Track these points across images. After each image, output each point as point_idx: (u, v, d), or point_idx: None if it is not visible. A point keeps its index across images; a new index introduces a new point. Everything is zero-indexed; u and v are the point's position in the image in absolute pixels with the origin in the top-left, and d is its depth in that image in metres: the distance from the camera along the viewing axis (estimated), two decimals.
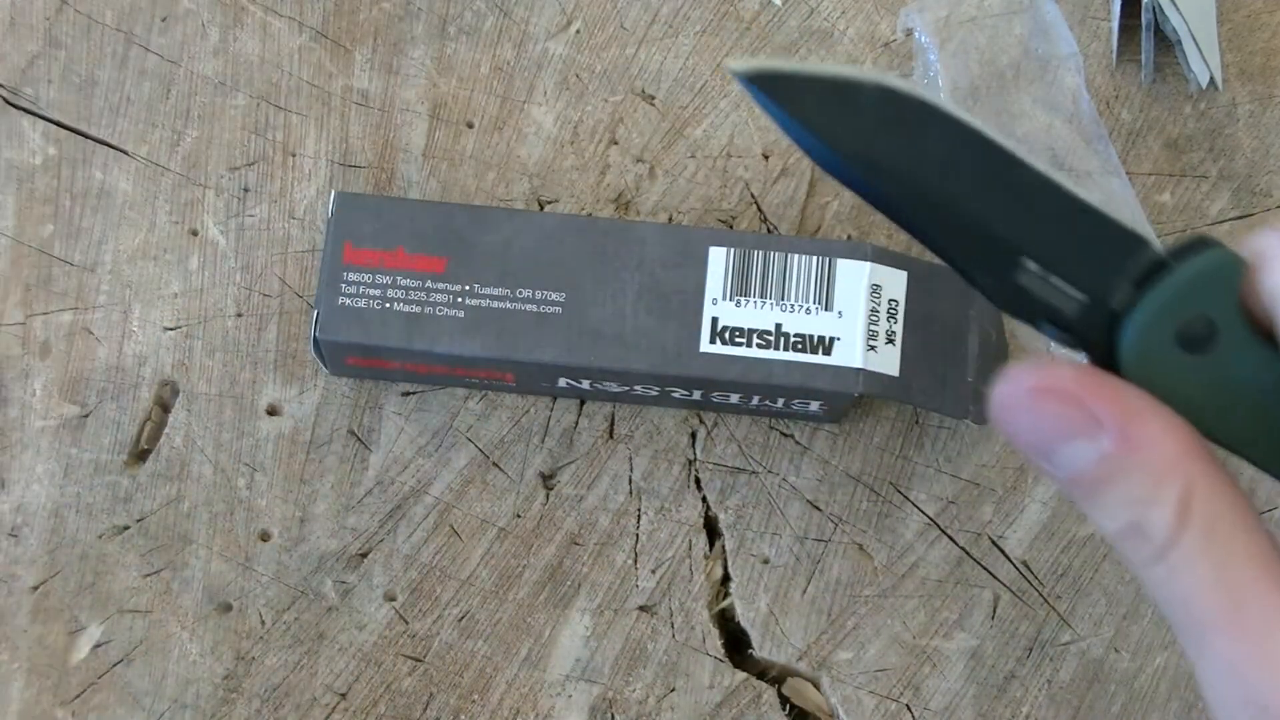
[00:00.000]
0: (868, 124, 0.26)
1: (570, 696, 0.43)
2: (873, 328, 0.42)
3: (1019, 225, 0.26)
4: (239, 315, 0.46)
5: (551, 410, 0.45)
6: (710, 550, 0.45)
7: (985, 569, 0.45)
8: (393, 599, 0.44)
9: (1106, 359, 0.26)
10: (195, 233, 0.46)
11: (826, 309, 0.42)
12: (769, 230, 0.47)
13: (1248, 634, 0.24)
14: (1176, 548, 0.24)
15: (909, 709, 0.43)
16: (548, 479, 0.45)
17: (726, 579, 0.45)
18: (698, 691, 0.43)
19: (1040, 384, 0.25)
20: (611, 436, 0.45)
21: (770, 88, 0.26)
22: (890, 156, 0.26)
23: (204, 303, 0.46)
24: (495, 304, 0.41)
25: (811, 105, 0.26)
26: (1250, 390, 0.25)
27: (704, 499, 0.45)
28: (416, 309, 0.41)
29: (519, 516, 0.45)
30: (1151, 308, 0.26)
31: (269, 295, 0.46)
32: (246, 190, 0.47)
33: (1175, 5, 0.47)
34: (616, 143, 0.47)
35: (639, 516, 0.45)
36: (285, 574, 0.44)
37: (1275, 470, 0.26)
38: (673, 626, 0.44)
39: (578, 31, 0.48)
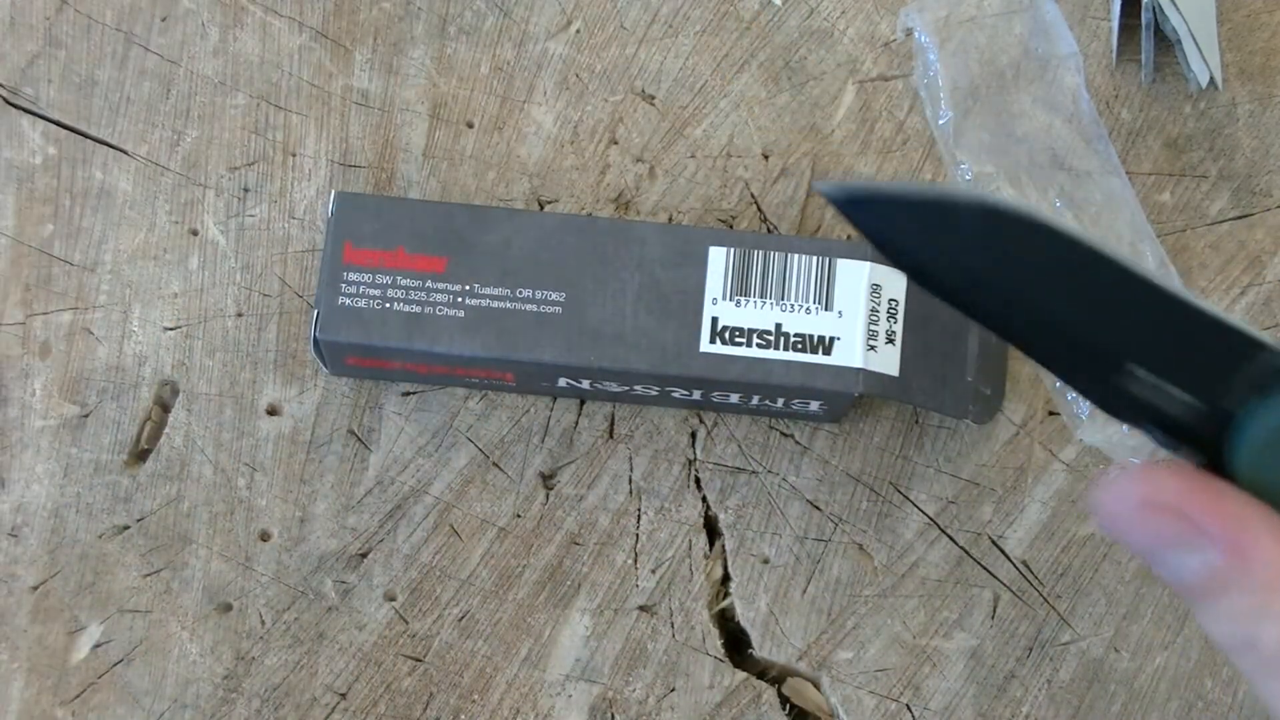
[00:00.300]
0: (967, 246, 0.25)
1: (570, 696, 0.43)
2: (873, 327, 0.42)
3: (1126, 334, 0.26)
4: (239, 315, 0.46)
5: (551, 410, 0.45)
6: (710, 550, 0.45)
7: (985, 569, 0.45)
8: (393, 599, 0.44)
9: (1217, 461, 0.26)
10: (195, 232, 0.46)
11: (826, 309, 0.42)
12: (769, 230, 0.47)
13: None
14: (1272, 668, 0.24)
15: (909, 709, 0.43)
16: (548, 479, 0.45)
17: (726, 579, 0.45)
18: (698, 691, 0.43)
19: (1146, 496, 0.25)
20: (611, 436, 0.45)
21: (862, 211, 0.26)
22: (991, 276, 0.25)
23: (204, 302, 0.46)
24: (495, 304, 0.41)
25: (907, 229, 0.26)
26: None
27: (704, 499, 0.45)
28: (416, 309, 0.41)
29: (519, 516, 0.45)
30: (1272, 412, 0.25)
31: (269, 295, 0.46)
32: (246, 190, 0.47)
33: (1175, 5, 0.47)
34: (616, 142, 0.47)
35: (639, 516, 0.45)
36: (285, 574, 0.44)
37: None
38: (673, 626, 0.44)
39: (578, 31, 0.48)
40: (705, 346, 0.41)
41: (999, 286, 0.26)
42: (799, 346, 0.41)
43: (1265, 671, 0.24)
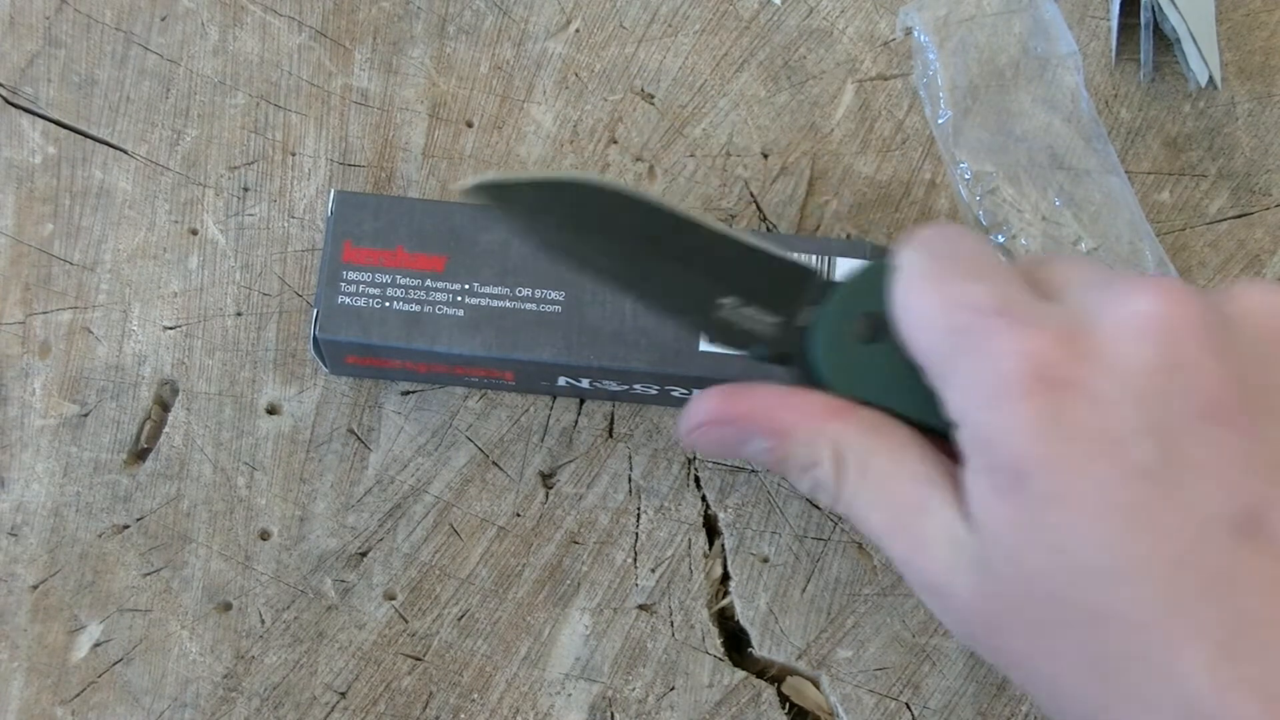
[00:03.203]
0: (572, 215, 0.33)
1: (570, 695, 0.43)
2: None
3: (712, 273, 0.33)
4: (239, 314, 0.46)
5: (551, 409, 0.45)
6: (710, 549, 0.45)
7: None
8: (392, 598, 0.44)
9: (806, 366, 0.33)
10: (195, 232, 0.46)
11: None
12: (768, 229, 0.47)
13: (909, 538, 0.30)
14: (843, 492, 0.32)
15: (908, 707, 0.43)
16: (547, 478, 0.45)
17: (726, 578, 0.45)
18: (697, 690, 0.43)
19: (703, 417, 0.33)
20: (611, 435, 0.45)
21: (489, 197, 0.33)
22: (595, 240, 0.33)
23: (204, 302, 0.46)
24: (495, 303, 0.41)
25: (522, 206, 0.33)
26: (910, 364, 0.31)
27: (703, 498, 0.45)
28: (416, 308, 0.41)
29: (518, 515, 0.45)
30: (825, 318, 0.33)
31: (268, 294, 0.46)
32: (246, 189, 0.47)
33: (1174, 4, 0.47)
34: (616, 142, 0.47)
35: (638, 515, 0.45)
36: (285, 573, 0.44)
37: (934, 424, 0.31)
38: (672, 625, 0.44)
39: (577, 31, 0.48)
40: (705, 345, 0.41)
41: (607, 249, 0.33)
42: None
43: (834, 502, 0.32)
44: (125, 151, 0.47)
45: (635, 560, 0.44)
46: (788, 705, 0.44)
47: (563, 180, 0.33)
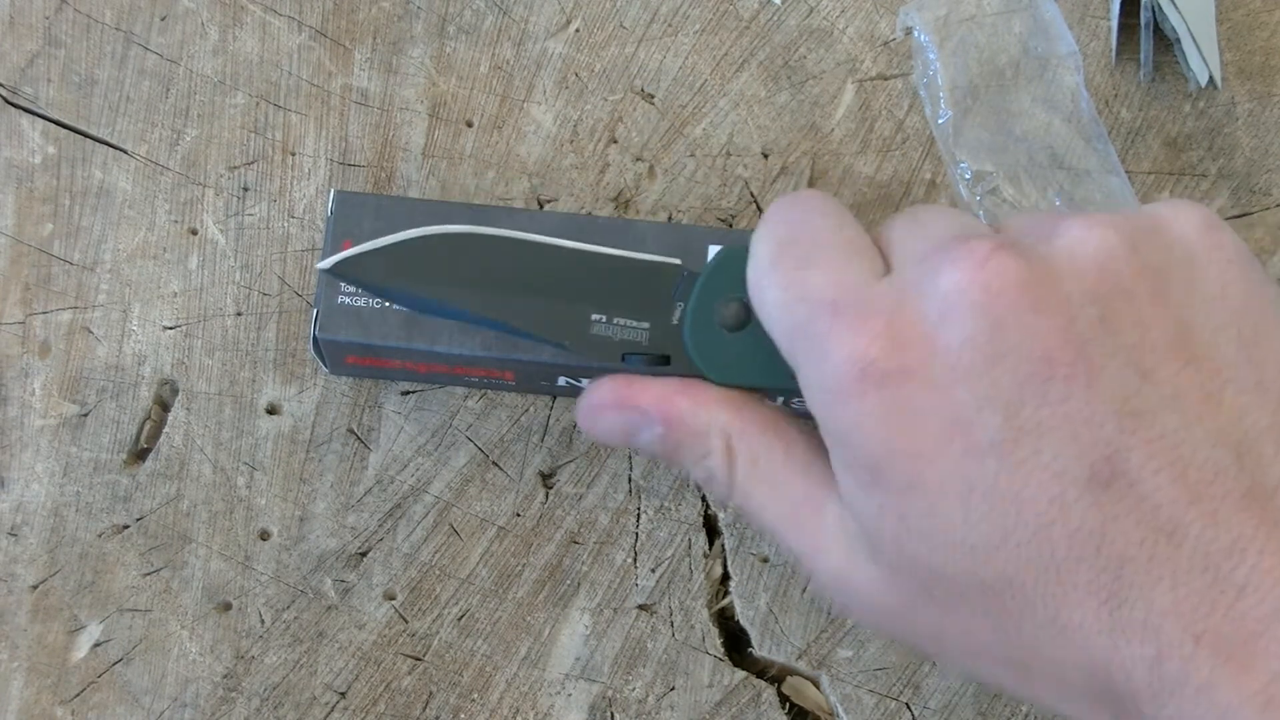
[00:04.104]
0: (426, 270, 0.33)
1: (570, 695, 0.43)
2: None
3: (577, 292, 0.34)
4: (238, 314, 0.46)
5: (551, 409, 0.45)
6: (710, 549, 0.45)
7: None
8: (392, 598, 0.44)
9: (686, 361, 0.33)
10: (195, 232, 0.46)
11: None
12: None
13: (805, 534, 0.31)
14: (735, 483, 0.32)
15: (908, 707, 0.43)
16: (547, 478, 0.45)
17: (726, 578, 0.45)
18: (697, 690, 0.43)
19: (600, 401, 0.34)
20: None
21: (342, 275, 0.34)
22: (455, 289, 0.33)
23: (203, 302, 0.46)
24: None
25: (376, 275, 0.33)
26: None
27: (703, 497, 0.45)
28: None
29: (518, 515, 0.45)
30: (690, 310, 0.33)
31: (268, 294, 0.46)
32: (246, 189, 0.47)
33: (1174, 4, 0.47)
34: (616, 141, 0.47)
35: (638, 515, 0.45)
36: (285, 573, 0.44)
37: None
38: (672, 625, 0.44)
39: (577, 30, 0.48)
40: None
41: (470, 294, 0.33)
42: None
43: (726, 494, 0.32)
44: (125, 151, 0.47)
45: (635, 560, 0.44)
46: (788, 705, 0.44)
47: (406, 240, 0.34)
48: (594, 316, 0.34)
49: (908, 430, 0.28)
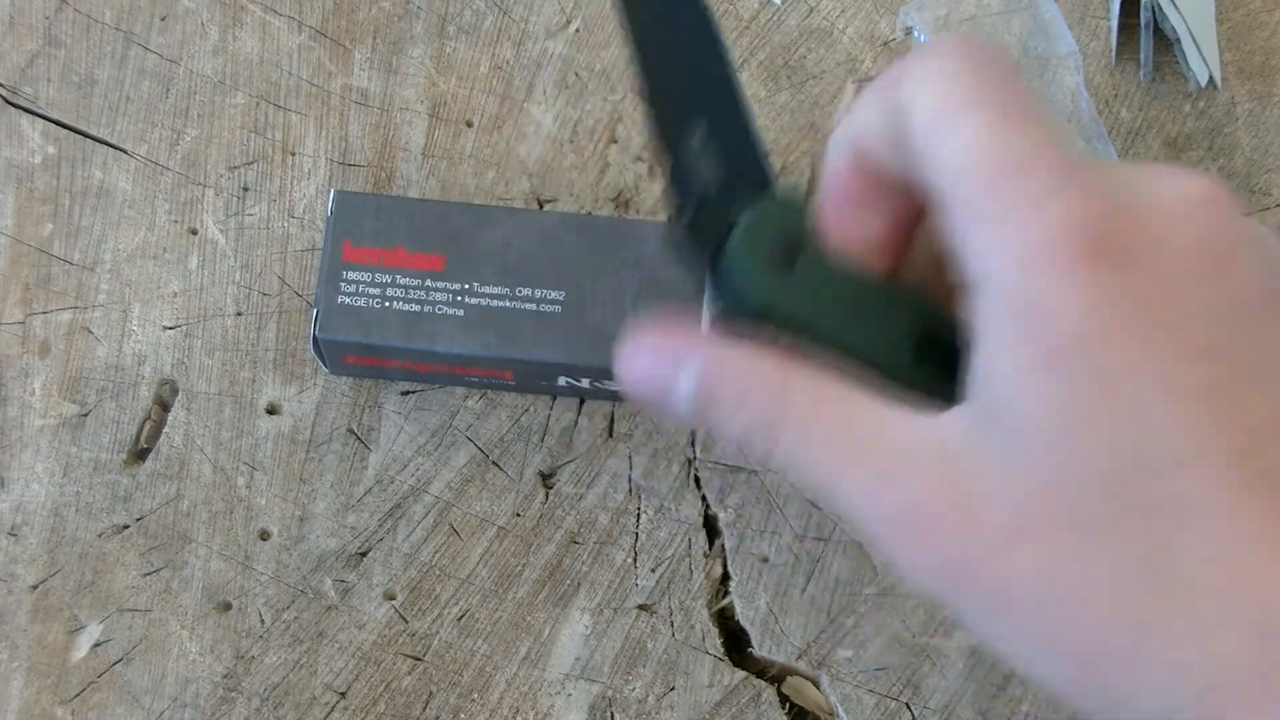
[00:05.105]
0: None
1: (570, 695, 0.43)
2: None
3: (704, 101, 0.32)
4: (238, 314, 0.46)
5: (551, 409, 0.45)
6: (710, 549, 0.45)
7: None
8: (392, 598, 0.44)
9: (715, 282, 0.31)
10: (195, 232, 0.46)
11: None
12: None
13: (876, 462, 0.27)
14: (785, 426, 0.28)
15: (908, 707, 0.43)
16: (547, 478, 0.45)
17: (726, 578, 0.45)
18: (697, 690, 0.43)
19: (635, 344, 0.30)
20: (611, 435, 0.45)
21: None
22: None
23: (203, 302, 0.46)
24: (495, 303, 0.41)
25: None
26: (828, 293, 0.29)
27: (703, 498, 0.45)
28: (416, 308, 0.41)
29: (518, 515, 0.45)
30: (742, 237, 0.30)
31: (268, 294, 0.46)
32: (246, 189, 0.47)
33: (1174, 4, 0.47)
34: (616, 141, 0.47)
35: (638, 515, 0.45)
36: (285, 573, 0.44)
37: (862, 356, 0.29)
38: (672, 625, 0.44)
39: (577, 30, 0.48)
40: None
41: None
42: None
43: (772, 436, 0.28)
44: (125, 151, 0.47)
45: (635, 560, 0.44)
46: (788, 705, 0.44)
47: None
48: (698, 130, 0.32)
49: (1126, 311, 0.25)
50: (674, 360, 0.30)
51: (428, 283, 0.41)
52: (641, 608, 0.44)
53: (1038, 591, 0.25)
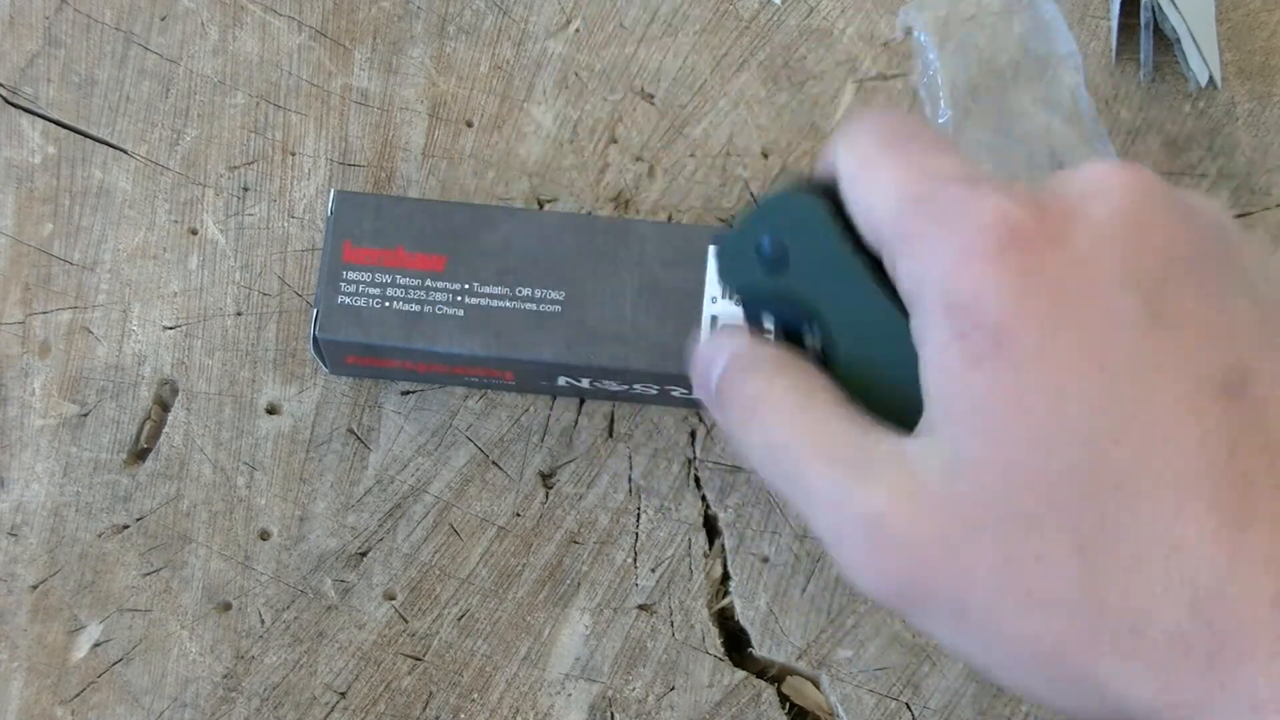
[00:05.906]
0: None
1: (570, 695, 0.43)
2: None
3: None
4: (238, 314, 0.46)
5: (551, 409, 0.45)
6: (710, 549, 0.45)
7: None
8: (392, 598, 0.44)
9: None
10: (195, 232, 0.46)
11: None
12: None
13: (847, 461, 0.27)
14: (767, 410, 0.29)
15: (908, 707, 0.43)
16: (547, 478, 0.45)
17: (726, 578, 0.45)
18: (697, 690, 0.43)
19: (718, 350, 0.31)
20: (611, 435, 0.45)
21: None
22: None
23: (203, 302, 0.46)
24: (495, 303, 0.41)
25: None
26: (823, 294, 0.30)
27: (703, 497, 0.45)
28: (416, 308, 0.41)
29: (518, 515, 0.45)
30: (732, 238, 0.31)
31: (268, 294, 0.46)
32: (246, 189, 0.47)
33: (1174, 4, 0.47)
34: (616, 141, 0.47)
35: (638, 515, 0.45)
36: (285, 573, 0.44)
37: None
38: (672, 625, 0.44)
39: (577, 30, 0.48)
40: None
41: None
42: None
43: (741, 427, 0.29)
44: (125, 151, 0.47)
45: (635, 560, 0.44)
46: (788, 705, 0.44)
47: None
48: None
49: (1046, 295, 0.25)
50: (710, 361, 0.31)
51: (428, 283, 0.41)
52: (641, 608, 0.44)
53: (990, 593, 0.25)
